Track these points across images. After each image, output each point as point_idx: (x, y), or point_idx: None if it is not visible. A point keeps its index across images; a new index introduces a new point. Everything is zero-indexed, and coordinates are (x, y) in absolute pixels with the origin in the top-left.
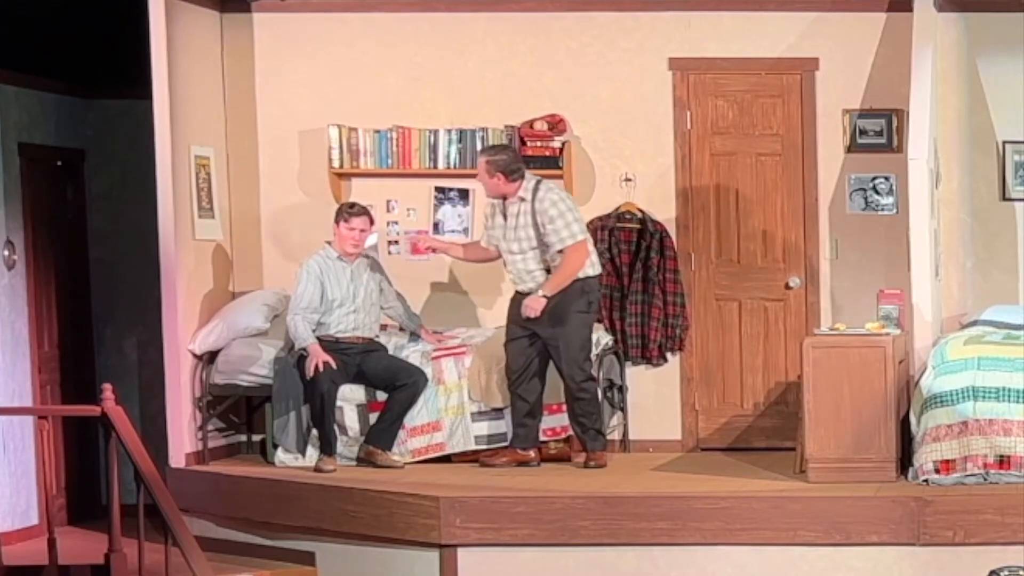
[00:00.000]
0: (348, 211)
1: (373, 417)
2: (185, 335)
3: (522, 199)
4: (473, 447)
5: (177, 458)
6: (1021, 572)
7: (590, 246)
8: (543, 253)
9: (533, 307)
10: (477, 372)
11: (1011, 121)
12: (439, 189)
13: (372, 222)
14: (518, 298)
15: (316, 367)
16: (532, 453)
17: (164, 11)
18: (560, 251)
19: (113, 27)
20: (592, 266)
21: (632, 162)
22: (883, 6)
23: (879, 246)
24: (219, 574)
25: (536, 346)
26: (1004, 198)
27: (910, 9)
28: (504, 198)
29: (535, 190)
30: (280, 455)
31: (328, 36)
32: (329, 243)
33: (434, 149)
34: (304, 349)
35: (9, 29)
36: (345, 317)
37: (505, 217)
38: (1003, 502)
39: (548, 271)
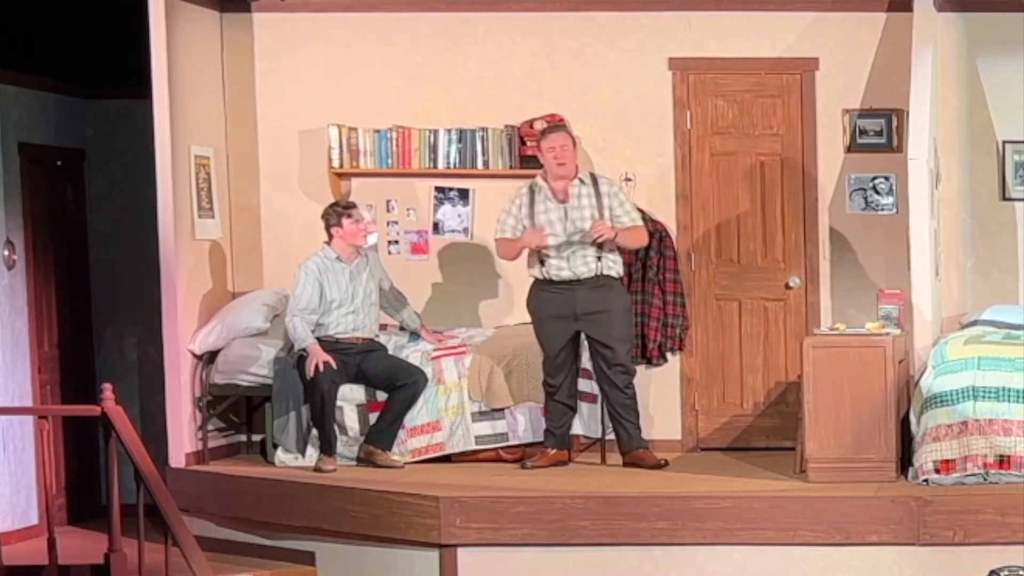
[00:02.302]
0: (344, 208)
1: (373, 417)
2: (185, 335)
3: (582, 181)
4: (473, 447)
5: (177, 458)
6: (1021, 572)
7: None
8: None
9: (604, 230)
10: (477, 372)
11: (1011, 121)
12: (439, 189)
13: None
14: (547, 296)
15: (316, 367)
16: (567, 453)
17: (164, 11)
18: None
19: (113, 27)
20: None
21: (632, 162)
22: (883, 6)
23: (879, 246)
24: (219, 574)
25: (574, 349)
26: (1004, 198)
27: (910, 9)
28: (559, 180)
29: (590, 173)
30: (280, 455)
31: (328, 36)
32: (328, 244)
33: (434, 149)
34: (304, 349)
35: (9, 29)
36: (344, 318)
37: (559, 200)
38: (1003, 502)
39: (599, 259)
